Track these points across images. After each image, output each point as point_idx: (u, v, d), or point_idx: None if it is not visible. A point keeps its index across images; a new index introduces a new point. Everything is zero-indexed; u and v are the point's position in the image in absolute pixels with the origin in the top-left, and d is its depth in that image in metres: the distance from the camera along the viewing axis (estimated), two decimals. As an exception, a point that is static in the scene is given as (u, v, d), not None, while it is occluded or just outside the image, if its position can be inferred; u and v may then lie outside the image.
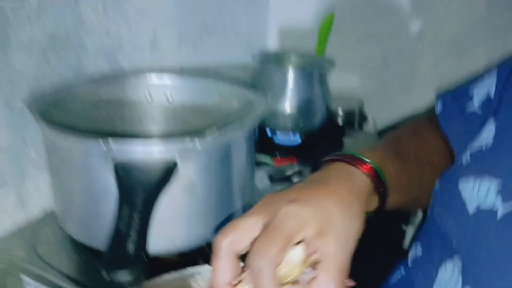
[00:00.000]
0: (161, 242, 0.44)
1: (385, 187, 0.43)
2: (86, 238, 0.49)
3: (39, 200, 0.64)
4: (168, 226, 0.43)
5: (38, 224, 0.62)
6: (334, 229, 0.34)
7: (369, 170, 0.41)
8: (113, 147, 0.40)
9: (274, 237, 0.32)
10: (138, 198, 0.36)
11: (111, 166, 0.41)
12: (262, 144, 0.80)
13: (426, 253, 0.47)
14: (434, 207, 0.47)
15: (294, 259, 0.33)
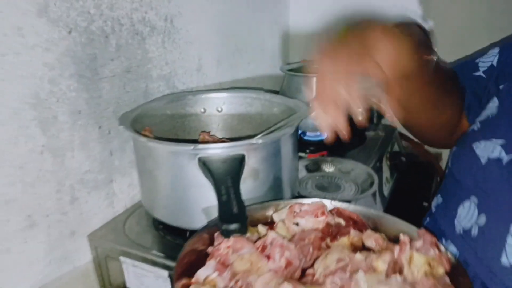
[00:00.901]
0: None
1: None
2: (174, 220, 0.64)
3: (122, 198, 0.79)
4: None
5: (123, 216, 0.77)
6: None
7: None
8: (200, 149, 0.55)
9: None
10: (228, 179, 0.50)
11: (197, 163, 0.56)
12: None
13: (446, 199, 0.60)
14: (453, 165, 0.60)
15: None
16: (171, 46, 0.86)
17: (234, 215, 0.45)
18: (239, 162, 0.55)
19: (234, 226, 0.44)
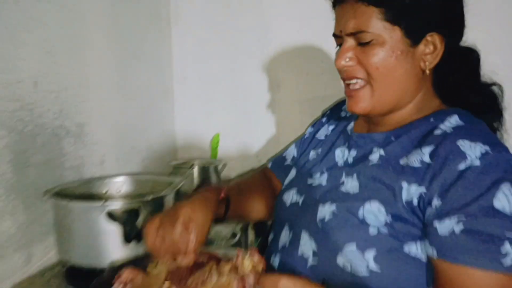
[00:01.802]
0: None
1: (226, 205, 0.87)
2: (88, 262, 0.88)
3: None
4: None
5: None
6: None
7: (221, 193, 0.86)
8: (107, 204, 0.83)
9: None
10: (128, 223, 0.79)
11: (105, 214, 0.84)
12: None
13: (274, 232, 0.92)
14: (275, 211, 0.93)
15: None
16: (81, 145, 1.15)
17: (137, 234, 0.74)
18: (136, 212, 0.84)
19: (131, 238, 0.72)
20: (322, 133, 0.96)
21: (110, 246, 0.88)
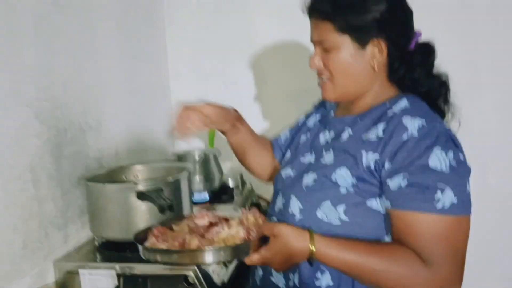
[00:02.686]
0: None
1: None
2: (120, 235, 1.06)
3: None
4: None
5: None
6: None
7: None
8: (136, 184, 1.01)
9: None
10: (154, 196, 0.97)
11: (135, 194, 1.02)
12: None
13: (272, 200, 1.10)
14: (275, 184, 1.12)
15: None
16: (100, 138, 1.32)
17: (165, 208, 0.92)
18: (161, 190, 1.02)
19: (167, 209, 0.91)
20: (311, 121, 1.16)
21: (138, 220, 1.05)
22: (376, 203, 0.89)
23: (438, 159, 0.82)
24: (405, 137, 0.85)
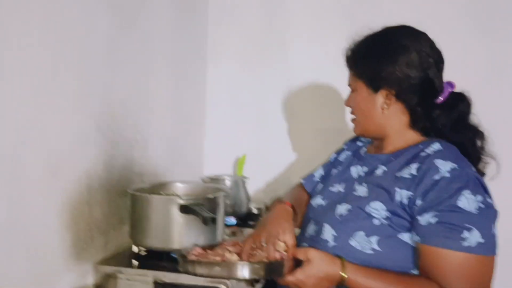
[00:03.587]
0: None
1: (296, 212, 1.14)
2: (160, 245, 1.13)
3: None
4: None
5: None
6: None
7: (290, 205, 1.13)
8: (179, 198, 1.10)
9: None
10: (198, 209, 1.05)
11: (178, 207, 1.10)
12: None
13: (302, 227, 1.16)
14: (306, 213, 1.18)
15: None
16: (144, 155, 1.42)
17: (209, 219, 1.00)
18: (202, 206, 1.11)
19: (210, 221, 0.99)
20: (343, 156, 1.24)
21: (176, 232, 1.13)
22: (407, 237, 0.95)
23: (467, 201, 0.89)
24: (437, 177, 0.92)
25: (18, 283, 0.92)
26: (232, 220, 1.61)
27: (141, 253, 1.23)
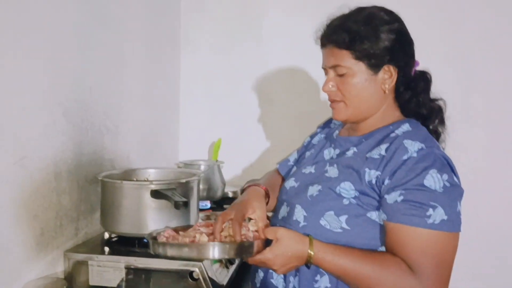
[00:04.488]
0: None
1: (269, 195, 1.15)
2: (131, 231, 1.13)
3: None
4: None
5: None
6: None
7: (264, 188, 1.14)
8: (151, 183, 1.09)
9: None
10: (169, 193, 1.04)
11: (150, 192, 1.09)
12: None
13: (276, 209, 1.17)
14: (279, 195, 1.19)
15: None
16: (115, 142, 1.40)
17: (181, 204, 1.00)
18: (174, 190, 1.10)
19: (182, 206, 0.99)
20: (316, 139, 1.25)
21: (149, 217, 1.13)
22: (375, 215, 0.97)
23: (433, 180, 0.91)
24: (405, 157, 0.94)
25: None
26: (207, 204, 1.61)
27: (113, 239, 1.22)
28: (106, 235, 1.23)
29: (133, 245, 1.16)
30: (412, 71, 1.06)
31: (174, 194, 1.05)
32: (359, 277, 0.91)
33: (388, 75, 1.02)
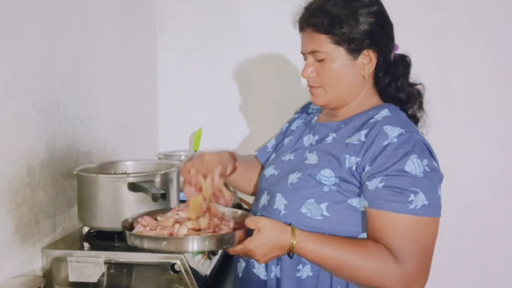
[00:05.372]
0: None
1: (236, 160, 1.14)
2: (109, 225, 1.10)
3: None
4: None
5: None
6: None
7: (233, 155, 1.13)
8: (128, 176, 1.06)
9: None
10: (147, 187, 1.02)
11: (128, 185, 1.06)
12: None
13: (256, 198, 1.16)
14: (259, 183, 1.18)
15: None
16: (91, 134, 1.36)
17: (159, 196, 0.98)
18: (152, 182, 1.07)
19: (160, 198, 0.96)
20: (294, 125, 1.24)
21: (127, 211, 1.09)
22: (356, 202, 0.96)
23: (414, 165, 0.90)
24: (385, 143, 0.93)
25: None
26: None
27: (91, 234, 1.19)
28: (85, 230, 1.20)
29: (112, 239, 1.14)
30: (391, 55, 1.04)
31: (151, 187, 1.03)
32: (341, 265, 0.91)
33: (367, 60, 1.00)
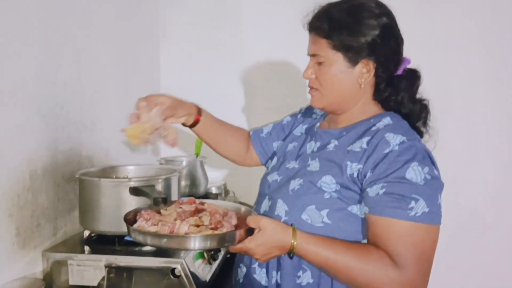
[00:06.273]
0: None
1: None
2: (110, 229, 1.10)
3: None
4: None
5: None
6: None
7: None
8: (130, 180, 1.07)
9: None
10: (149, 190, 1.02)
11: (128, 189, 1.07)
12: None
13: (257, 202, 1.17)
14: (260, 186, 1.18)
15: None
16: (93, 138, 1.37)
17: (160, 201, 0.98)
18: (153, 187, 1.08)
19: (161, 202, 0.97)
20: (298, 130, 1.24)
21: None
22: (356, 209, 0.96)
23: (415, 173, 0.90)
24: (387, 150, 0.93)
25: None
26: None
27: (92, 238, 1.20)
28: (86, 234, 1.21)
29: (113, 243, 1.14)
30: (396, 68, 1.03)
31: (152, 191, 1.03)
32: (342, 268, 0.91)
33: (366, 70, 1.00)
